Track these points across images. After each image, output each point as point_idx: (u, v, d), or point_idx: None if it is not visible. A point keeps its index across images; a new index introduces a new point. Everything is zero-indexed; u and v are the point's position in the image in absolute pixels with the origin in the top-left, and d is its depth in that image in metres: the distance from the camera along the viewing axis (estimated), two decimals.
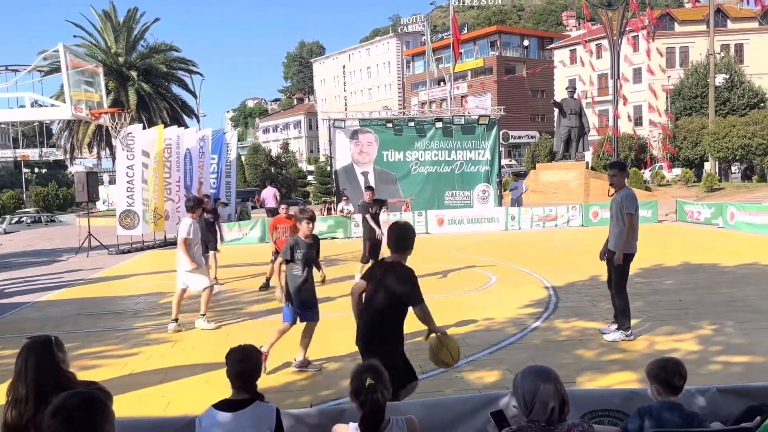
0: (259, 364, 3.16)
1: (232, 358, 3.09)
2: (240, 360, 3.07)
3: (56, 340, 3.03)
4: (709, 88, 37.04)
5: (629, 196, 7.00)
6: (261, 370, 3.19)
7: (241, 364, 3.06)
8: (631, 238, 6.94)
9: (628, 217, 6.88)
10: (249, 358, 3.09)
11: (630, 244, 6.97)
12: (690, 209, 20.39)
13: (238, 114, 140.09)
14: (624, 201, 6.95)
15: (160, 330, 8.30)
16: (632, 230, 6.89)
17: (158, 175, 17.77)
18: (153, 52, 41.39)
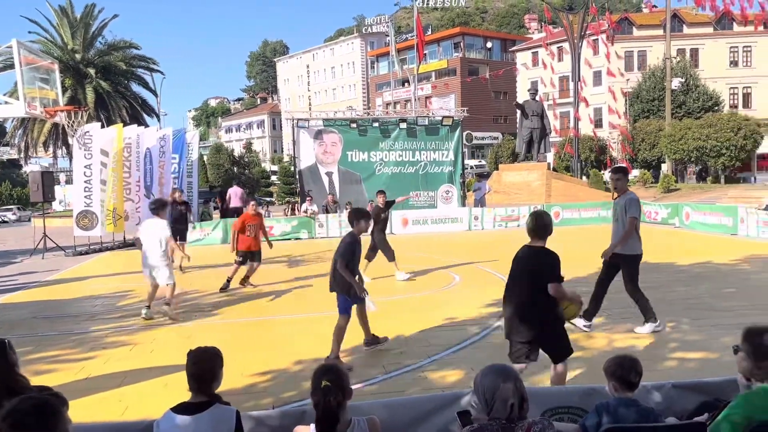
0: (217, 366, 3.09)
1: (189, 360, 3.03)
2: (195, 362, 3.01)
3: (8, 343, 2.93)
4: (666, 92, 38.04)
5: (634, 200, 7.18)
6: (220, 372, 3.12)
7: (196, 366, 3.00)
8: (634, 240, 7.15)
9: (630, 220, 7.07)
10: (205, 360, 3.03)
11: (637, 245, 7.19)
12: (648, 209, 20.88)
13: (201, 113, 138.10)
14: (628, 205, 7.14)
15: (119, 333, 8.12)
16: (631, 232, 7.08)
17: (117, 175, 17.41)
18: (112, 50, 40.54)
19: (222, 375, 3.14)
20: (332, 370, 2.77)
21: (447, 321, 8.10)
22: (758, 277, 10.45)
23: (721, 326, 7.22)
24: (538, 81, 56.74)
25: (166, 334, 8.06)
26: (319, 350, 6.96)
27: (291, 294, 10.50)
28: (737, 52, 53.27)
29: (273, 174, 56.62)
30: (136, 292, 11.07)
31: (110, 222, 17.34)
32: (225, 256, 15.09)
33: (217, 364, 3.09)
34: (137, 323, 8.68)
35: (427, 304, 9.23)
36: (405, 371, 6.17)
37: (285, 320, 8.59)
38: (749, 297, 8.79)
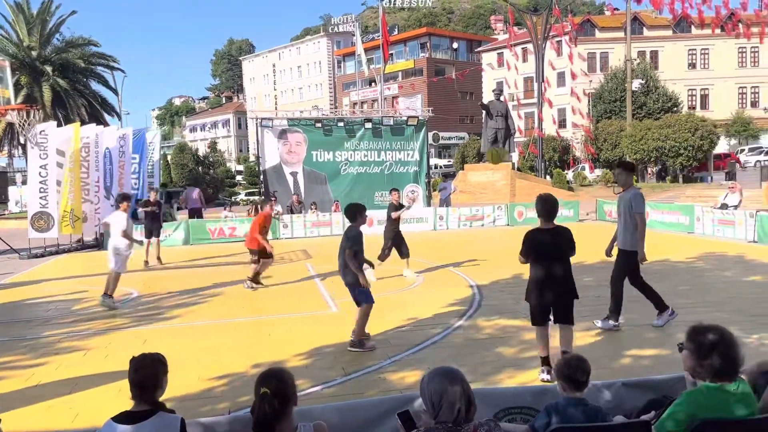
0: (160, 373, 2.99)
1: (131, 367, 2.94)
2: (136, 369, 2.92)
3: None
4: (627, 93, 38.80)
5: (638, 195, 7.19)
6: (164, 379, 3.02)
7: (138, 373, 2.91)
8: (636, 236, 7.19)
9: (640, 217, 7.11)
10: (146, 367, 2.94)
11: (634, 242, 7.22)
12: (609, 208, 21.26)
13: (164, 112, 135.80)
14: (633, 200, 7.15)
15: (72, 338, 7.90)
16: (645, 229, 7.15)
17: (75, 175, 16.96)
18: (70, 47, 39.55)
19: (166, 382, 3.04)
20: (274, 377, 2.72)
21: (409, 321, 8.09)
22: (712, 275, 10.71)
23: (676, 323, 7.36)
24: (503, 81, 57.33)
25: (122, 338, 7.87)
26: (279, 353, 6.89)
27: (253, 296, 10.37)
28: (695, 55, 54.70)
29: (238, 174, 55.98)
30: (91, 296, 10.80)
31: (67, 224, 16.88)
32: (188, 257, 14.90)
33: (161, 370, 2.99)
34: (92, 327, 8.47)
35: (389, 305, 9.20)
36: (365, 373, 6.14)
37: (245, 323, 8.48)
38: (703, 294, 9.00)
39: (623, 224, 7.31)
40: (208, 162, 48.28)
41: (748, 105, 53.96)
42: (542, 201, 5.67)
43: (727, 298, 8.77)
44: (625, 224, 7.27)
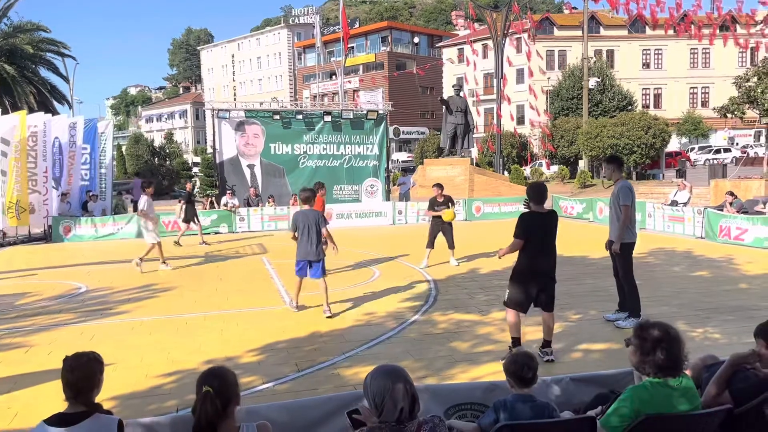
0: (94, 373, 2.85)
1: (64, 367, 2.80)
2: (70, 369, 2.78)
3: None
4: (584, 91, 39.49)
5: (624, 187, 7.31)
6: (99, 378, 2.88)
7: (70, 373, 2.77)
8: (630, 227, 7.31)
9: (624, 209, 7.23)
10: (81, 367, 2.80)
11: (630, 232, 7.32)
12: (564, 204, 21.63)
13: (119, 102, 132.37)
14: (620, 193, 7.28)
15: (14, 334, 7.60)
16: (628, 220, 7.25)
17: (21, 165, 16.37)
18: (17, 32, 38.02)
19: (102, 381, 2.91)
20: (217, 375, 2.63)
21: (364, 316, 8.04)
22: (661, 270, 10.97)
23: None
24: (463, 77, 57.69)
25: (68, 334, 7.60)
26: (231, 349, 6.76)
27: (205, 291, 10.17)
28: (649, 55, 56.06)
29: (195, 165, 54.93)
30: (36, 290, 10.43)
31: (13, 215, 16.30)
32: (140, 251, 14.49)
33: (97, 370, 2.85)
34: (36, 323, 8.16)
35: (345, 300, 9.14)
36: (318, 368, 6.06)
37: (196, 318, 8.29)
38: (653, 289, 9.20)
39: (614, 216, 7.42)
40: (164, 153, 47.22)
41: (699, 105, 55.60)
42: (535, 187, 6.19)
43: (675, 293, 8.99)
44: (616, 216, 7.37)
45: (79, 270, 12.53)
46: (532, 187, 6.26)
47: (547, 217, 6.15)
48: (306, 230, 8.02)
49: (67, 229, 17.70)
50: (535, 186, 6.25)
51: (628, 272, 7.41)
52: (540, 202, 6.14)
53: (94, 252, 15.32)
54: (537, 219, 6.07)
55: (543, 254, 6.06)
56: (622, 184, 7.36)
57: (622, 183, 7.39)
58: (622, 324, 7.27)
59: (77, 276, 11.73)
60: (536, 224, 6.04)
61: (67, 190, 18.93)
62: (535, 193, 6.13)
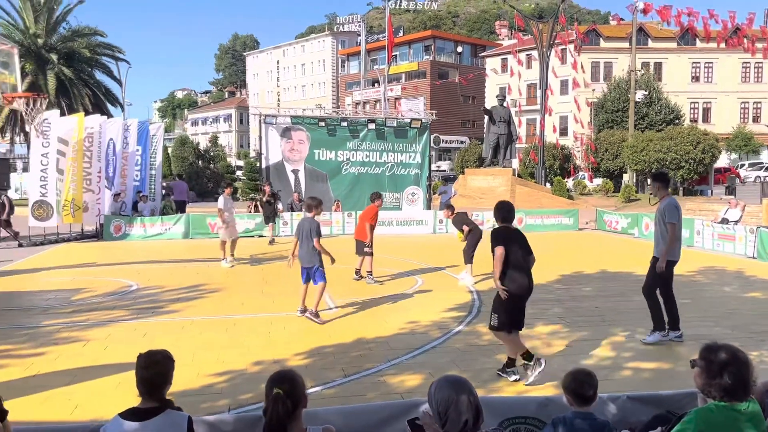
0: (167, 371, 2.99)
1: (138, 364, 2.93)
2: (144, 366, 2.91)
3: None
4: (630, 103, 38.83)
5: (670, 205, 7.16)
6: (171, 376, 3.02)
7: (146, 370, 2.90)
8: (675, 245, 7.17)
9: (671, 227, 7.10)
10: (154, 365, 2.93)
11: (672, 251, 7.17)
12: (609, 218, 21.29)
13: (167, 104, 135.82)
14: (666, 210, 7.15)
15: (72, 328, 7.89)
16: (674, 239, 7.12)
17: (77, 165, 16.95)
18: (76, 36, 39.48)
19: (172, 379, 3.03)
20: (287, 378, 2.71)
21: (408, 324, 8.08)
22: (711, 290, 10.72)
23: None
24: (506, 87, 57.39)
25: (122, 330, 7.86)
26: (279, 351, 6.89)
27: (251, 293, 10.36)
28: (699, 68, 54.82)
29: (238, 169, 55.87)
30: (91, 287, 10.79)
31: (68, 213, 16.88)
32: (187, 252, 14.90)
33: (169, 367, 2.98)
34: (91, 318, 8.45)
35: (389, 307, 9.20)
36: (364, 375, 6.13)
37: (245, 319, 8.47)
38: (703, 309, 9.00)
39: (659, 233, 7.30)
40: (208, 156, 48.15)
41: (750, 120, 54.10)
42: (504, 207, 6.15)
43: (727, 313, 8.78)
44: (660, 233, 7.24)
45: (130, 268, 12.90)
46: (502, 205, 6.21)
47: (519, 232, 6.14)
48: (303, 238, 8.29)
49: (118, 228, 18.24)
50: (504, 204, 6.22)
51: (668, 289, 7.28)
52: (509, 220, 6.11)
53: (144, 251, 15.75)
54: (513, 232, 6.05)
55: (525, 269, 5.98)
56: (668, 202, 7.21)
57: (669, 200, 7.24)
58: (648, 339, 7.16)
59: (128, 274, 12.09)
60: (513, 237, 5.99)
61: (121, 190, 19.54)
62: (504, 211, 6.11)
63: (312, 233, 8.19)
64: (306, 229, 8.25)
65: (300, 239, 8.36)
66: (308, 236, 8.21)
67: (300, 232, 8.34)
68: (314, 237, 8.17)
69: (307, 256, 8.27)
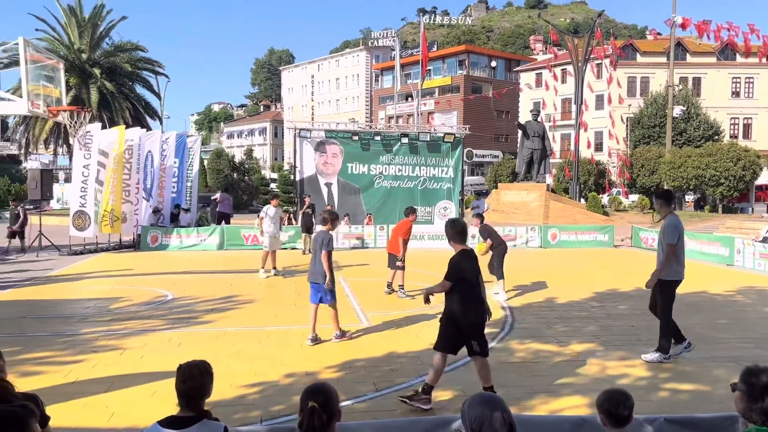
0: (205, 383, 3.04)
1: (178, 376, 3.00)
2: (184, 379, 2.98)
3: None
4: (667, 119, 38.21)
5: (670, 225, 7.12)
6: (209, 387, 3.08)
7: (185, 383, 2.96)
8: (675, 264, 7.11)
9: (668, 247, 7.06)
10: (194, 378, 2.99)
11: (673, 270, 7.12)
12: (645, 236, 20.89)
13: (203, 117, 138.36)
14: (666, 229, 7.12)
15: (109, 337, 8.06)
16: (671, 258, 7.06)
17: (117, 176, 17.38)
18: (118, 51, 40.64)
19: (211, 390, 3.10)
20: (321, 391, 2.73)
21: None
22: (753, 310, 10.43)
23: (714, 358, 7.20)
24: (541, 102, 57.02)
25: (157, 339, 8.00)
26: (311, 363, 6.93)
27: (284, 305, 10.45)
28: (739, 83, 53.65)
29: (272, 182, 56.55)
30: (128, 296, 11.02)
31: (107, 223, 17.29)
32: (222, 263, 15.10)
33: (207, 380, 3.05)
34: (128, 327, 8.63)
35: (420, 322, 9.19)
36: (396, 389, 6.13)
37: (277, 331, 8.54)
38: (743, 330, 8.77)
39: (660, 251, 7.26)
40: (243, 169, 48.86)
41: None
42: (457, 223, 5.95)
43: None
44: (662, 252, 7.20)
45: (166, 278, 13.14)
46: (454, 223, 5.97)
47: (472, 255, 5.87)
48: (316, 251, 8.03)
49: (154, 239, 18.61)
50: (456, 222, 5.98)
51: (666, 309, 7.18)
52: (463, 241, 5.88)
53: (179, 261, 16.03)
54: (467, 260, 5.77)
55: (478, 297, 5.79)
56: (669, 221, 7.13)
57: (669, 219, 7.15)
58: (647, 357, 7.08)
59: (164, 284, 12.31)
60: (472, 263, 5.75)
61: (159, 202, 19.98)
62: (456, 229, 5.86)
63: (323, 245, 7.88)
64: (318, 242, 7.99)
65: (313, 252, 8.18)
66: (319, 249, 7.94)
67: (314, 245, 8.16)
68: (322, 249, 7.83)
69: (317, 271, 7.96)
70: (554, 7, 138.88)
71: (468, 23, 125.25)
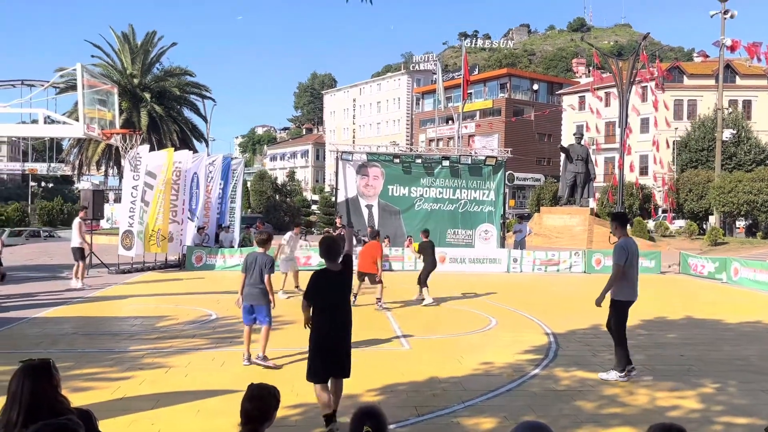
0: (269, 408, 3.03)
1: (246, 394, 3.02)
2: (250, 398, 2.99)
3: (53, 363, 2.97)
4: (716, 143, 37.24)
5: (617, 247, 7.47)
6: (273, 413, 3.06)
7: (250, 401, 2.98)
8: (626, 285, 7.41)
9: (615, 267, 7.47)
10: (260, 398, 3.00)
11: (624, 291, 7.42)
12: (694, 262, 20.29)
13: (247, 140, 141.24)
14: (615, 251, 7.49)
15: (155, 354, 8.21)
16: (615, 279, 7.40)
17: (165, 197, 17.82)
18: (167, 75, 41.97)
19: (274, 417, 3.09)
20: (375, 415, 2.72)
21: (482, 365, 7.93)
22: None
23: (766, 392, 6.90)
24: (584, 125, 56.38)
25: (201, 358, 8.11)
26: (351, 387, 6.89)
27: None
28: None
29: (314, 203, 57.16)
30: (173, 315, 11.23)
31: (154, 243, 17.70)
32: None
33: (272, 405, 3.04)
34: (174, 345, 8.78)
35: (462, 346, 9.09)
36: (437, 415, 6.06)
37: None
38: None
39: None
40: (285, 190, 49.54)
41: None
42: (329, 242, 5.84)
43: None
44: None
45: (210, 298, 13.35)
46: (325, 242, 5.86)
47: (339, 275, 5.70)
48: (252, 273, 7.98)
49: (199, 258, 18.96)
50: (329, 241, 5.86)
51: (619, 328, 7.46)
52: (335, 259, 5.72)
53: (223, 281, 16.26)
54: (328, 278, 5.66)
55: (338, 319, 5.66)
56: (618, 244, 7.47)
57: (621, 241, 7.48)
58: (603, 376, 7.34)
59: (208, 303, 12.50)
60: (339, 282, 5.68)
61: (205, 223, 20.38)
62: (328, 249, 5.73)
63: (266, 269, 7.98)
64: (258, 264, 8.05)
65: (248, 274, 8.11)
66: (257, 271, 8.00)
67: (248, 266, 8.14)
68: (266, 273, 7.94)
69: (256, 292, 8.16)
70: (597, 30, 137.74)
71: (509, 46, 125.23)
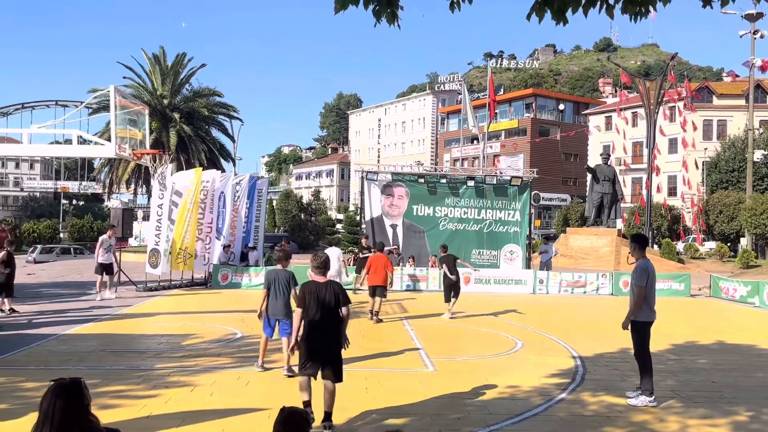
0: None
1: (278, 416, 3.03)
2: (283, 421, 3.01)
3: (83, 382, 3.02)
4: (747, 164, 36.61)
5: (638, 268, 7.45)
6: None
7: (283, 426, 2.99)
8: (645, 306, 7.37)
9: (638, 289, 7.38)
10: (293, 423, 3.01)
11: (644, 312, 7.38)
12: (725, 285, 19.85)
13: (273, 159, 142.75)
14: (636, 272, 7.48)
15: (181, 373, 8.27)
16: (641, 301, 7.34)
17: (193, 215, 18.06)
18: (196, 96, 42.77)
19: None
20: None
21: (508, 389, 7.83)
22: None
23: None
24: (611, 145, 55.89)
25: (226, 378, 8.14)
26: (376, 406, 6.87)
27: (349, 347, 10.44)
28: None
29: (338, 222, 57.37)
30: (199, 333, 11.32)
31: (181, 261, 17.91)
32: None
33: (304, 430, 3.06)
34: (199, 364, 8.84)
35: (487, 368, 8.99)
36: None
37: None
38: None
39: (632, 295, 7.57)
40: (311, 209, 49.85)
41: None
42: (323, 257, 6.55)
43: None
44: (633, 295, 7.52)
45: (235, 316, 13.43)
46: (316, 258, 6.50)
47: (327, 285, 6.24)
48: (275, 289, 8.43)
49: (225, 277, 19.12)
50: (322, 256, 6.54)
51: (642, 350, 7.41)
52: (323, 273, 6.39)
53: (248, 299, 16.34)
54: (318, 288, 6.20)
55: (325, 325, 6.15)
56: (638, 264, 7.45)
57: (640, 263, 7.46)
58: (632, 401, 7.18)
59: (233, 322, 12.58)
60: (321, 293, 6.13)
61: (231, 242, 20.57)
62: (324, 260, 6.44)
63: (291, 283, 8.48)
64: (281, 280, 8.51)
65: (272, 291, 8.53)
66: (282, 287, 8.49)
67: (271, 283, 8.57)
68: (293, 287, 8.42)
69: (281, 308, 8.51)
70: (624, 50, 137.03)
71: (535, 66, 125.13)
